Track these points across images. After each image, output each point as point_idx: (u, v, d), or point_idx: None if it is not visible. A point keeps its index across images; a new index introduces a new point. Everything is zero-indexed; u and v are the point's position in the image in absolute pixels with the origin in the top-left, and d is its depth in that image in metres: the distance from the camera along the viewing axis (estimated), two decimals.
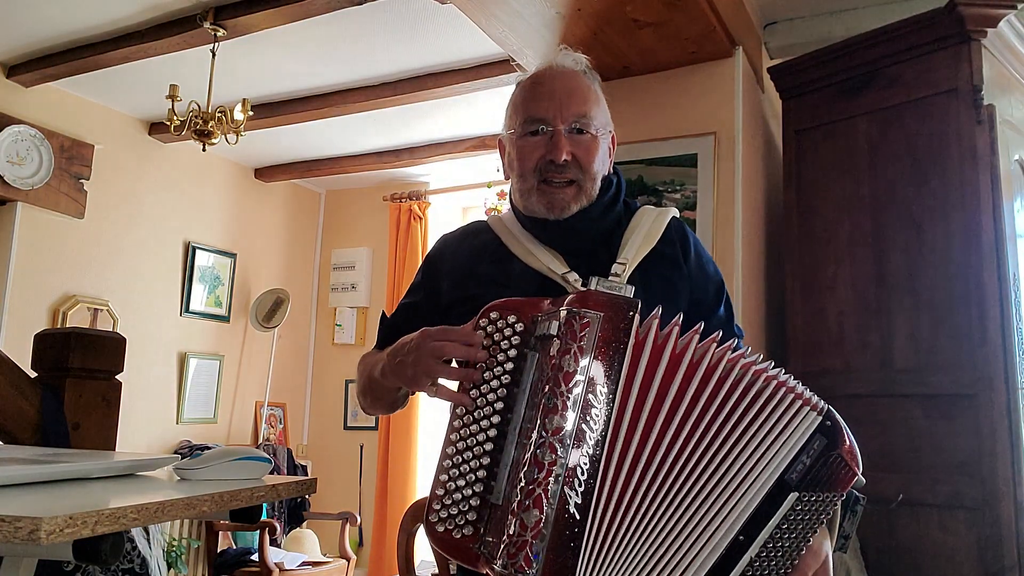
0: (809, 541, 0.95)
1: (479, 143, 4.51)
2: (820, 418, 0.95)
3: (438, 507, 0.94)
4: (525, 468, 0.90)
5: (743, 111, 2.55)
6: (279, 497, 1.05)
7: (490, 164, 4.61)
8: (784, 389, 0.96)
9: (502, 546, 0.88)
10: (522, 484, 0.89)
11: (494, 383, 0.97)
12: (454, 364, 1.03)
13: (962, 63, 2.24)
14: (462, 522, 0.93)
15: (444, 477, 0.95)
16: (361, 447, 5.19)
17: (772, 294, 2.75)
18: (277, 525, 4.22)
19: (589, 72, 1.25)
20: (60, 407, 1.36)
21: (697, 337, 0.97)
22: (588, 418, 0.91)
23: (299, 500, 4.47)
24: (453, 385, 1.03)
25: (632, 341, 0.94)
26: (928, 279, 2.26)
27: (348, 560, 4.30)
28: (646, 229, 1.21)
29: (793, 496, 0.93)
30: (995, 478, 2.04)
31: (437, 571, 1.67)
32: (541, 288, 1.13)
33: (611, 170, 1.26)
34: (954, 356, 2.17)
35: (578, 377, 0.91)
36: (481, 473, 0.94)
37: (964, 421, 2.12)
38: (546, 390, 0.92)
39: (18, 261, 3.80)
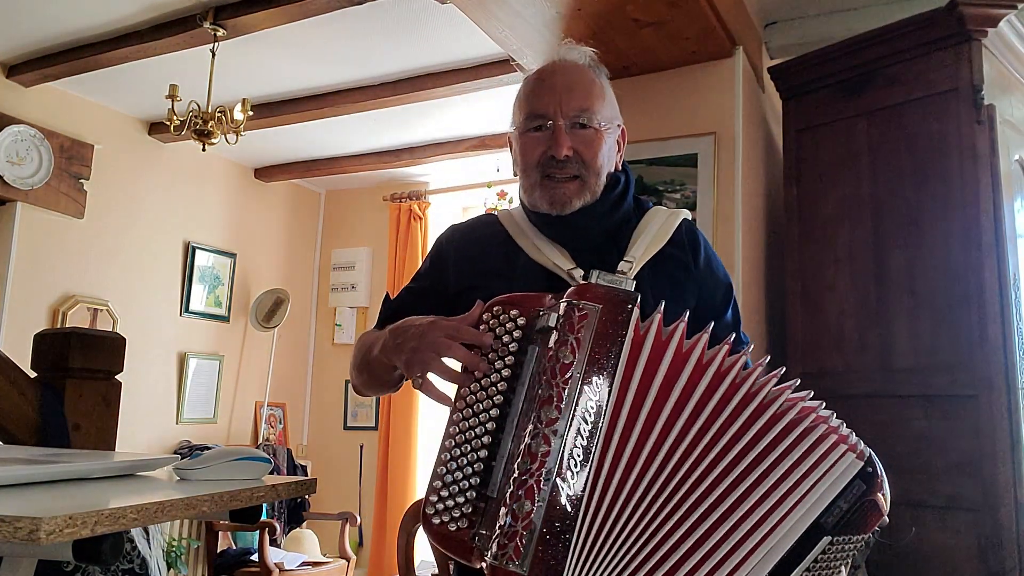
0: None
1: (479, 143, 4.50)
2: (862, 464, 0.93)
3: (435, 499, 0.93)
4: (519, 459, 0.89)
5: (743, 111, 2.55)
6: (279, 497, 1.05)
7: (490, 164, 4.61)
8: (825, 427, 0.93)
9: (494, 537, 0.87)
10: (515, 475, 0.89)
11: (494, 376, 0.97)
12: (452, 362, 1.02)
13: (962, 63, 2.24)
14: (458, 515, 0.92)
15: (442, 470, 0.94)
16: (361, 447, 5.19)
17: (772, 294, 2.74)
18: (277, 525, 4.22)
19: (594, 65, 1.24)
20: (60, 407, 1.35)
21: (706, 337, 0.95)
22: (583, 410, 0.90)
23: (299, 500, 4.47)
24: (443, 384, 1.02)
25: (631, 335, 0.93)
26: (928, 279, 2.26)
27: (348, 560, 4.30)
28: (656, 229, 1.20)
29: (826, 540, 0.91)
30: (995, 479, 2.03)
31: (437, 571, 1.67)
32: (547, 283, 1.13)
33: (620, 166, 1.25)
34: (954, 356, 2.16)
35: (574, 369, 0.91)
36: (478, 466, 0.93)
37: (964, 422, 2.11)
38: (543, 381, 0.91)
39: (18, 261, 3.80)
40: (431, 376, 1.03)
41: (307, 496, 3.71)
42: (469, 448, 0.94)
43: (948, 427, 2.14)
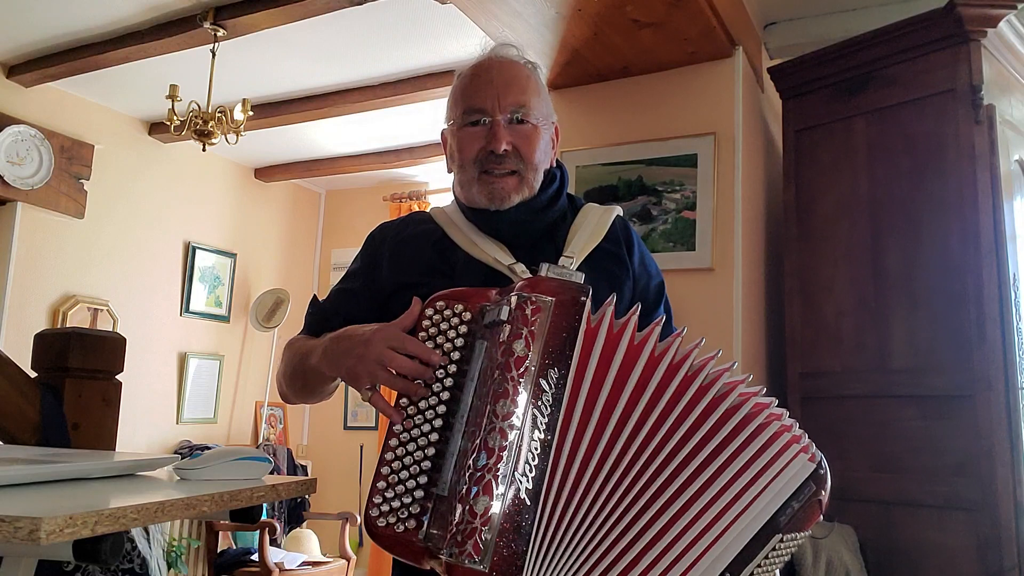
0: None
1: None
2: (814, 466, 0.94)
3: (379, 500, 0.90)
4: (474, 455, 0.87)
5: (743, 111, 2.55)
6: (279, 497, 1.05)
7: None
8: (779, 424, 0.94)
9: (448, 535, 0.85)
10: (470, 471, 0.86)
11: (440, 373, 0.94)
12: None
13: (961, 63, 2.24)
14: (404, 515, 0.89)
15: (386, 470, 0.91)
16: (361, 447, 5.19)
17: (771, 294, 2.75)
18: (277, 525, 4.22)
19: (529, 63, 1.24)
20: (60, 407, 1.36)
21: (658, 330, 0.95)
22: (539, 403, 0.88)
23: (299, 500, 4.47)
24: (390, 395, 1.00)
25: (584, 327, 0.92)
26: (927, 279, 2.26)
27: (348, 560, 4.30)
28: (592, 225, 1.20)
29: (777, 538, 0.91)
30: (994, 479, 2.04)
31: None
32: (487, 279, 1.11)
33: (555, 163, 1.25)
34: (952, 356, 2.17)
35: (528, 362, 0.89)
36: (426, 464, 0.91)
37: (963, 422, 2.12)
38: (496, 376, 0.89)
39: (18, 261, 3.80)
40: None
41: (307, 496, 3.71)
42: (415, 447, 0.92)
43: (946, 427, 2.14)
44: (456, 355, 0.95)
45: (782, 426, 0.94)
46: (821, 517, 0.96)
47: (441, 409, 0.93)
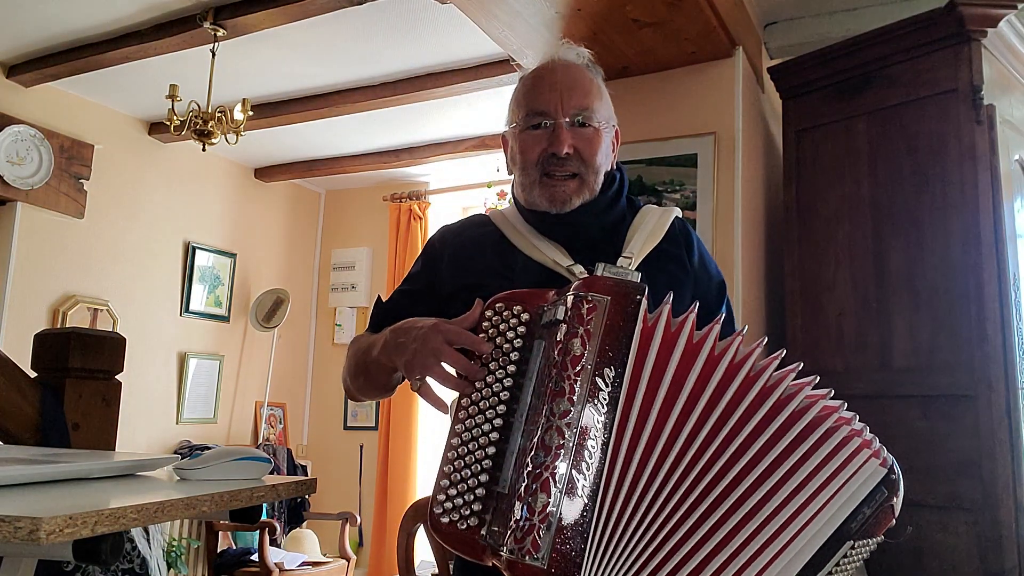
0: None
1: (479, 143, 4.51)
2: (885, 471, 0.93)
3: (443, 498, 0.91)
4: (532, 453, 0.88)
5: (743, 111, 2.55)
6: (279, 497, 1.05)
7: (490, 164, 4.61)
8: (848, 428, 0.93)
9: (508, 532, 0.86)
10: (528, 469, 0.87)
11: (499, 373, 0.95)
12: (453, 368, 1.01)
13: (962, 63, 2.24)
14: (467, 513, 0.90)
15: (448, 468, 0.92)
16: (361, 447, 5.19)
17: (772, 294, 2.75)
18: (277, 525, 4.22)
19: (592, 66, 1.24)
20: (60, 407, 1.36)
21: (717, 328, 0.94)
22: (596, 401, 0.89)
23: (299, 500, 4.47)
24: (442, 390, 1.01)
25: (640, 326, 0.92)
26: (928, 279, 2.26)
27: (348, 560, 4.30)
28: (651, 226, 1.20)
29: (848, 544, 0.90)
30: (995, 479, 2.03)
31: (437, 571, 1.68)
32: (545, 280, 1.12)
33: (615, 165, 1.26)
34: (954, 356, 2.16)
35: (585, 360, 0.89)
36: (487, 463, 0.91)
37: (964, 422, 2.11)
38: (553, 375, 0.90)
39: (18, 261, 3.80)
40: (430, 380, 1.02)
41: (307, 496, 3.71)
42: (476, 445, 0.93)
43: (947, 427, 2.14)
44: (515, 355, 0.96)
45: (852, 430, 0.93)
46: (894, 522, 0.94)
47: (501, 408, 0.94)
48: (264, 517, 4.05)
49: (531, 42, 2.52)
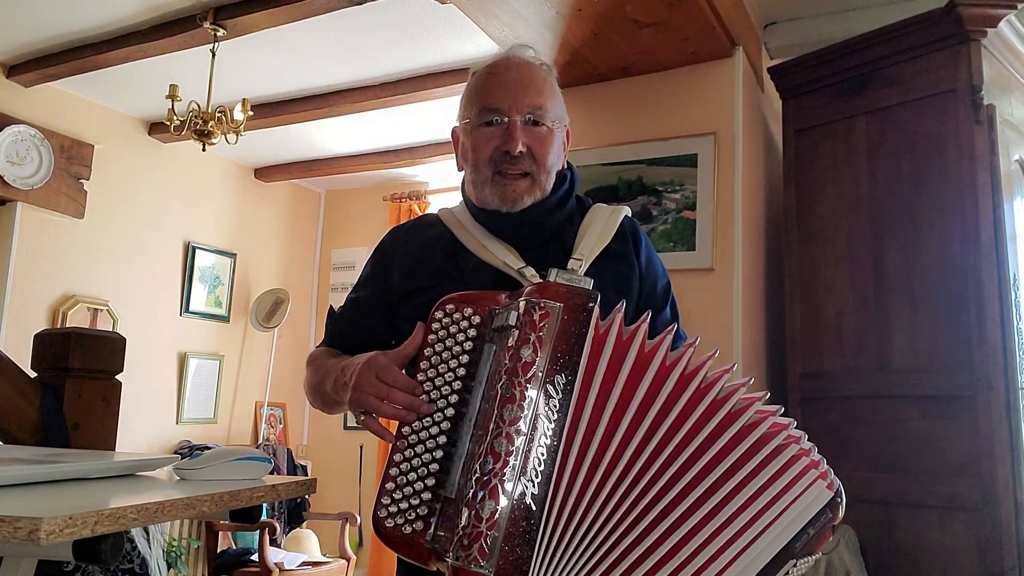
0: None
1: None
2: (832, 494, 0.93)
3: (387, 501, 0.91)
4: (480, 459, 0.87)
5: (743, 111, 2.55)
6: (279, 497, 1.05)
7: None
8: (797, 447, 0.92)
9: (455, 538, 0.85)
10: (477, 475, 0.86)
11: (448, 376, 0.95)
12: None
13: (961, 63, 2.24)
14: (412, 516, 0.90)
15: (394, 471, 0.92)
16: (361, 447, 5.19)
17: (771, 294, 2.75)
18: (277, 525, 4.22)
19: (545, 65, 1.24)
20: (60, 407, 1.36)
21: (669, 339, 0.94)
22: (546, 409, 0.88)
23: (299, 500, 4.47)
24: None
25: (592, 333, 0.92)
26: (927, 279, 2.26)
27: (348, 560, 4.30)
28: (601, 226, 1.20)
29: (791, 563, 0.90)
30: (994, 479, 2.04)
31: None
32: (496, 282, 1.12)
33: (565, 164, 1.25)
34: (953, 357, 2.17)
35: (536, 367, 0.89)
36: (434, 467, 0.91)
37: (963, 422, 2.11)
38: (503, 380, 0.89)
39: (18, 261, 3.80)
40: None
41: (307, 496, 3.71)
42: (423, 448, 0.92)
43: (947, 427, 2.14)
44: (465, 358, 0.96)
45: (801, 449, 0.93)
46: (831, 538, 0.94)
47: (449, 412, 0.94)
48: (264, 517, 4.05)
49: (531, 42, 2.51)
